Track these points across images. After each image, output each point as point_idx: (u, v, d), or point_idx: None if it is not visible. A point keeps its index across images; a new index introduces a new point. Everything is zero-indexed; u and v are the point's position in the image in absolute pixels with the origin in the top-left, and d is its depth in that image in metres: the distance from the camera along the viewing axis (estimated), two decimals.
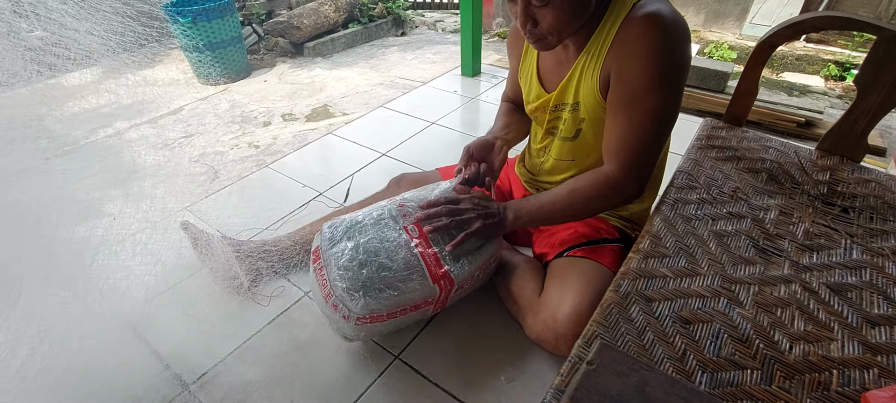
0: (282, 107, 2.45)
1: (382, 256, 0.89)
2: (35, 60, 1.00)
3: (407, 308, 0.91)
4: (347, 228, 0.94)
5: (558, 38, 0.81)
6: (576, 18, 0.78)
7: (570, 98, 0.92)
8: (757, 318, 0.62)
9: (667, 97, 0.79)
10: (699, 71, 2.29)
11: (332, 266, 0.89)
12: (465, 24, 2.52)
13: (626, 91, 0.80)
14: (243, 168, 1.87)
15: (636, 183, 0.85)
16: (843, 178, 0.91)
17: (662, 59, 0.77)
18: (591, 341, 0.60)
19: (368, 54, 3.24)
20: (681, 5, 3.89)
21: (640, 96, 0.79)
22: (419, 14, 4.27)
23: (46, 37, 0.98)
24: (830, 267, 0.70)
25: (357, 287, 0.86)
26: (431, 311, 0.99)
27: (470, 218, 0.93)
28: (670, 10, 0.78)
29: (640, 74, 0.78)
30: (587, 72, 0.87)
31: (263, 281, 1.26)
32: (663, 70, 0.77)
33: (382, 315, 0.89)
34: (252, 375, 1.03)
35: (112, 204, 1.40)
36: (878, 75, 0.88)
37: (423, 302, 0.92)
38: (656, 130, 0.82)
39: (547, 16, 0.77)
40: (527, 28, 0.80)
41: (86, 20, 1.02)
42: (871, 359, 0.57)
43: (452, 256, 0.93)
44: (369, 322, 0.89)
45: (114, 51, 1.07)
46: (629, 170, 0.84)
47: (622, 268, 0.72)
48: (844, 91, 2.62)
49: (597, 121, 0.91)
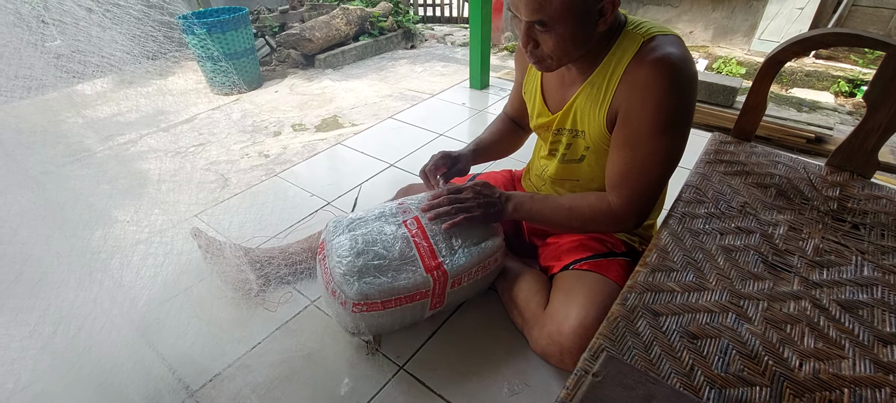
0: (292, 117, 2.48)
1: (379, 246, 0.95)
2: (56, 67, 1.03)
3: (401, 297, 0.94)
4: (350, 222, 1.01)
5: (557, 62, 0.83)
6: (576, 48, 0.79)
7: (569, 124, 0.94)
8: (766, 334, 0.62)
9: (673, 141, 0.81)
10: (708, 86, 2.29)
11: (333, 254, 0.96)
12: (474, 38, 2.55)
13: (633, 131, 0.81)
14: (253, 176, 1.89)
15: (636, 217, 0.87)
16: (854, 194, 0.90)
17: (672, 106, 0.77)
18: (597, 354, 0.60)
19: (378, 66, 3.28)
20: (689, 21, 3.90)
21: (646, 138, 0.80)
22: (429, 27, 4.33)
23: (64, 45, 1.01)
24: (841, 283, 0.70)
25: (353, 272, 0.92)
26: (430, 308, 1.00)
27: (470, 206, 0.97)
28: (680, 53, 0.77)
29: (649, 119, 0.79)
30: (592, 104, 0.88)
31: (271, 288, 1.27)
32: (672, 117, 0.78)
33: (377, 302, 0.93)
34: (257, 382, 1.03)
35: (124, 210, 1.43)
36: (887, 92, 0.88)
37: (417, 292, 0.95)
38: (660, 171, 0.83)
39: (548, 40, 0.78)
40: (528, 48, 0.81)
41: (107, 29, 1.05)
42: (884, 378, 0.56)
43: (449, 250, 0.97)
44: (365, 309, 0.93)
45: (130, 60, 1.09)
46: (631, 206, 0.86)
47: (629, 282, 0.72)
48: (855, 107, 2.60)
49: (601, 152, 0.92)
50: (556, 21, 0.74)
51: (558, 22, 0.75)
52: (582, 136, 0.93)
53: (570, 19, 0.74)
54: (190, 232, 1.33)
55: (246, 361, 1.09)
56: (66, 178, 1.19)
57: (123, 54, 1.05)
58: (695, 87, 0.79)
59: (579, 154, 0.97)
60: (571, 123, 0.94)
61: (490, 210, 0.97)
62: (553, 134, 0.99)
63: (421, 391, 1.00)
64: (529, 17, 0.75)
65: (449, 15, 4.56)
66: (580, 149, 0.96)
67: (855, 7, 3.23)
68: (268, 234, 1.50)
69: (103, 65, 1.04)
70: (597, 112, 0.87)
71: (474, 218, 0.97)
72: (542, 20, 0.75)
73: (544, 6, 0.73)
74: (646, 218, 0.88)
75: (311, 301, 1.24)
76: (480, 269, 1.00)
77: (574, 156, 0.98)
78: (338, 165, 1.99)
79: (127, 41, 1.05)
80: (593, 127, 0.89)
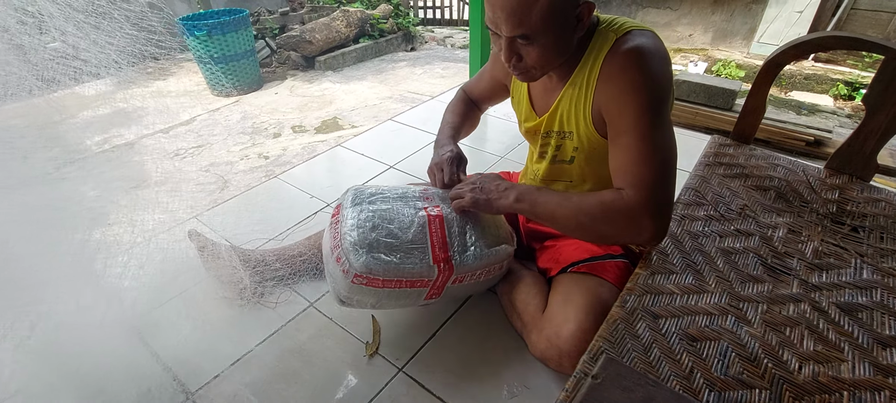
0: (292, 119, 2.48)
1: (394, 225, 0.95)
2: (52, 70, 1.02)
3: (403, 280, 0.94)
4: (371, 194, 1.01)
5: (541, 72, 0.84)
6: (558, 55, 0.81)
7: (556, 126, 0.95)
8: (765, 337, 0.62)
9: (659, 119, 0.80)
10: (707, 88, 2.29)
11: (348, 221, 0.95)
12: (474, 40, 2.55)
13: (620, 121, 0.82)
14: (252, 178, 1.89)
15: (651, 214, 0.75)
16: (853, 197, 0.90)
17: (648, 86, 0.78)
18: (596, 356, 0.60)
19: (378, 68, 3.29)
20: (689, 24, 3.91)
21: (633, 124, 0.80)
22: (429, 30, 4.33)
23: (63, 48, 1.01)
24: (840, 286, 0.70)
25: (363, 244, 0.91)
26: (425, 298, 1.00)
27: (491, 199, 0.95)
28: (650, 41, 0.79)
29: (631, 104, 0.79)
30: (575, 104, 0.89)
31: (269, 290, 1.27)
32: (651, 96, 0.79)
33: (378, 279, 0.92)
34: (255, 384, 1.03)
35: (122, 211, 1.42)
36: (886, 95, 0.88)
37: (420, 280, 0.95)
38: (660, 157, 0.78)
39: (531, 53, 0.79)
40: (511, 63, 0.82)
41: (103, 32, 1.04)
42: (883, 381, 0.56)
43: (461, 245, 0.97)
44: (365, 282, 0.92)
45: (129, 62, 1.09)
46: (643, 196, 0.76)
47: (629, 284, 0.72)
48: (853, 110, 2.60)
49: (591, 152, 0.93)
50: (538, 33, 0.76)
51: (540, 34, 0.76)
52: (570, 138, 0.95)
53: (550, 30, 0.76)
54: (188, 234, 1.32)
55: (244, 362, 1.08)
56: (63, 180, 1.19)
57: (119, 57, 1.05)
58: (667, 65, 0.80)
59: (569, 155, 0.98)
60: (559, 125, 0.95)
61: (493, 197, 0.95)
62: (542, 137, 1.00)
63: (420, 393, 1.00)
64: (511, 32, 0.76)
65: (449, 17, 4.57)
66: (569, 151, 0.97)
67: (853, 11, 3.24)
68: (267, 236, 1.50)
69: (103, 65, 1.04)
70: (581, 111, 0.89)
71: (478, 204, 0.96)
72: (525, 34, 0.76)
73: (524, 21, 0.74)
74: (667, 221, 0.77)
75: (310, 302, 1.24)
76: (485, 272, 1.00)
77: (564, 157, 0.99)
78: (337, 167, 1.99)
79: (127, 42, 1.05)
80: (580, 127, 0.91)
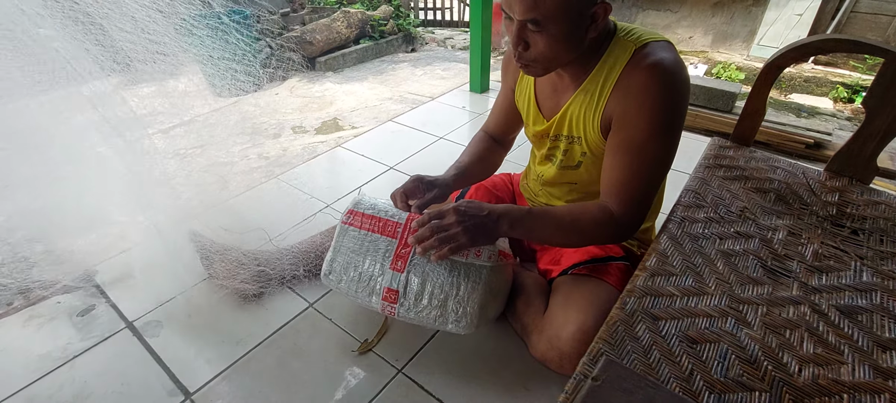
0: (292, 119, 2.48)
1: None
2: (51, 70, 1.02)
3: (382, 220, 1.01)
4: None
5: (544, 67, 0.83)
6: (566, 51, 0.80)
7: (565, 130, 0.95)
8: (765, 339, 0.62)
9: (669, 143, 0.82)
10: (707, 91, 2.30)
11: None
12: (474, 42, 2.55)
13: (630, 136, 0.82)
14: (252, 179, 1.89)
15: (638, 224, 0.87)
16: (853, 200, 0.90)
17: (667, 109, 0.79)
18: (596, 358, 0.60)
19: (378, 69, 3.29)
20: (689, 26, 3.92)
21: (644, 142, 0.81)
22: (429, 31, 4.34)
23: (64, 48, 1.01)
24: (840, 289, 0.70)
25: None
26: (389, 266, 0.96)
27: (454, 233, 0.84)
28: (672, 58, 0.79)
29: (646, 123, 0.79)
30: (586, 110, 0.88)
31: (269, 290, 1.27)
32: (667, 119, 0.80)
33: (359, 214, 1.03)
34: (254, 385, 1.03)
35: (121, 212, 1.42)
36: (886, 98, 0.88)
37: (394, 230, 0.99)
38: (658, 174, 0.85)
39: (539, 41, 0.78)
40: (518, 49, 0.81)
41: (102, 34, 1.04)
42: (883, 384, 0.56)
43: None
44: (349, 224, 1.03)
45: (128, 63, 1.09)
46: (633, 211, 0.85)
47: (628, 286, 0.71)
48: (853, 113, 2.61)
49: (599, 156, 0.93)
50: (550, 20, 0.74)
51: (551, 21, 0.75)
52: (578, 142, 0.94)
53: (562, 19, 0.75)
54: (188, 234, 1.32)
55: (244, 363, 1.08)
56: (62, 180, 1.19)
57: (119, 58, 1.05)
58: (688, 91, 0.81)
59: (576, 160, 0.97)
60: (568, 130, 0.94)
61: (478, 233, 0.85)
62: (550, 140, 0.99)
63: (419, 394, 1.00)
64: (523, 15, 0.75)
65: (449, 19, 4.58)
66: (577, 155, 0.96)
67: (853, 13, 3.25)
68: (267, 236, 1.50)
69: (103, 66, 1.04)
70: (591, 118, 0.88)
71: (461, 246, 0.84)
72: (536, 19, 0.75)
73: (538, 4, 0.73)
74: (643, 220, 0.88)
75: (309, 303, 1.24)
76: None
77: (571, 162, 0.98)
78: (337, 168, 1.99)
79: (127, 43, 1.05)
80: (588, 133, 0.90)
